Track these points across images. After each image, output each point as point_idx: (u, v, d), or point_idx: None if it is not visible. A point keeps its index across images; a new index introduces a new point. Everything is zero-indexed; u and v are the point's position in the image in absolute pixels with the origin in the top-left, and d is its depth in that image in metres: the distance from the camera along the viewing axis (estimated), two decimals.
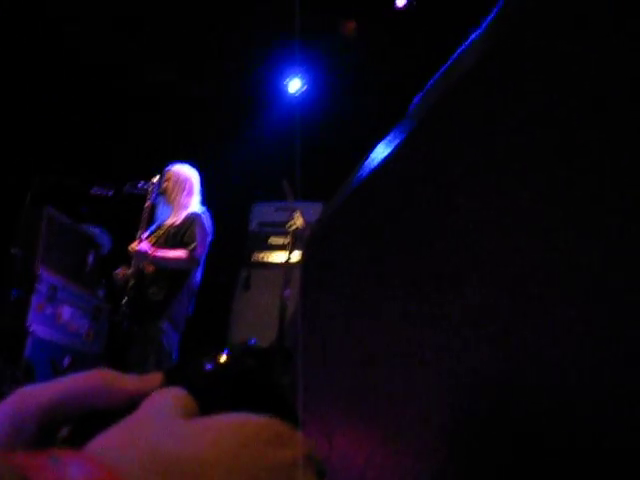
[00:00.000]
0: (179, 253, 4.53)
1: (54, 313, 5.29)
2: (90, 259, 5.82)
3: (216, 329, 5.45)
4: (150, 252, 4.49)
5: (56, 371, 5.10)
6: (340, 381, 0.86)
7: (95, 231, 5.78)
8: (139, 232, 4.62)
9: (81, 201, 4.69)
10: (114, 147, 6.19)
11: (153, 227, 4.90)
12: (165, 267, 4.57)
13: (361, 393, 0.77)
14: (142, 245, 4.51)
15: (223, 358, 0.46)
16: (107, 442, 0.35)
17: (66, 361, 5.31)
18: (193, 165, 5.05)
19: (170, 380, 0.43)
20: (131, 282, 4.56)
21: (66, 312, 5.44)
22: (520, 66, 0.56)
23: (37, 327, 5.03)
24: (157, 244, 4.58)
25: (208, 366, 0.45)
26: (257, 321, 5.43)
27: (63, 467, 0.29)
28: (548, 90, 0.53)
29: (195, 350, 5.21)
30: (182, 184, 4.78)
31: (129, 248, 4.57)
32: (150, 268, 4.57)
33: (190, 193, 4.80)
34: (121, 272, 4.68)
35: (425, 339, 0.61)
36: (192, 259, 4.55)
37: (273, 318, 4.82)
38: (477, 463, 0.50)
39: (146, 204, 4.73)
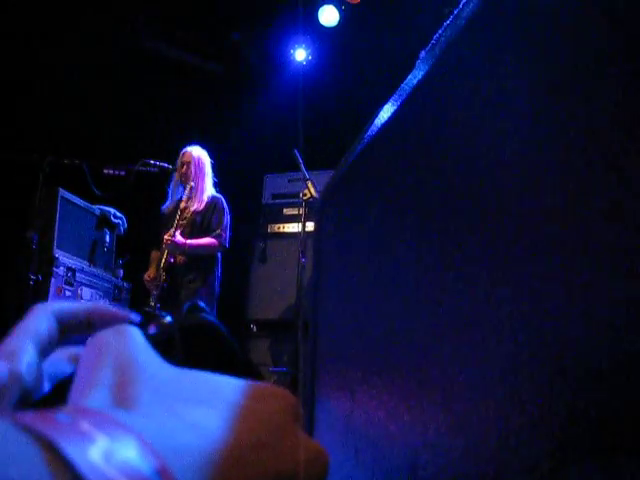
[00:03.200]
0: (209, 240, 4.78)
1: (74, 295, 5.33)
2: (107, 239, 5.85)
3: (235, 303, 5.48)
4: (185, 243, 4.64)
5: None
6: (359, 341, 0.86)
7: (110, 211, 5.80)
8: (172, 230, 4.69)
9: (94, 181, 4.69)
10: (123, 125, 6.17)
11: (167, 204, 4.99)
12: (195, 255, 4.75)
13: (381, 349, 0.77)
14: (177, 238, 4.68)
15: (167, 319, 0.45)
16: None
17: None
18: (201, 137, 5.11)
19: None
20: (163, 275, 4.68)
21: (85, 293, 5.48)
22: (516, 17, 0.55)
23: None
24: (184, 232, 4.73)
25: (151, 330, 0.44)
26: (275, 292, 5.45)
27: (80, 424, 0.28)
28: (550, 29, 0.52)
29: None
30: (201, 167, 4.90)
31: (164, 240, 4.67)
32: (181, 259, 4.73)
33: (207, 176, 4.93)
34: (148, 276, 4.81)
35: (449, 293, 0.61)
36: (221, 244, 4.82)
37: (291, 288, 4.84)
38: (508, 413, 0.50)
39: (182, 204, 4.79)
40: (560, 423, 0.43)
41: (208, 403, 0.33)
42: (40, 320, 0.44)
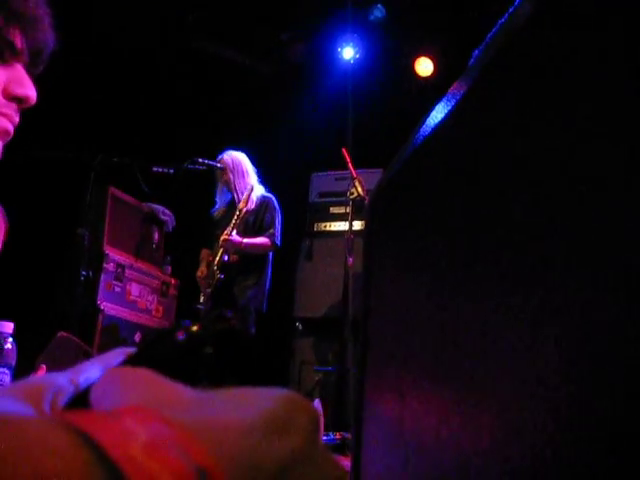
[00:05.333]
0: (263, 240, 4.89)
1: (123, 291, 5.41)
2: (155, 236, 5.93)
3: (281, 301, 5.50)
4: (241, 242, 4.75)
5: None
6: (411, 345, 0.85)
7: (158, 208, 5.87)
8: (229, 229, 4.76)
9: (143, 179, 4.76)
10: (173, 125, 6.24)
11: (217, 207, 5.07)
12: (249, 254, 4.87)
13: (435, 350, 0.76)
14: (234, 237, 4.75)
15: (195, 327, 0.44)
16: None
17: (137, 337, 5.43)
18: (250, 137, 5.19)
19: (138, 360, 0.42)
20: (217, 274, 4.76)
21: (134, 289, 5.56)
22: (582, 10, 0.54)
23: (107, 305, 5.16)
24: (239, 231, 4.81)
25: (180, 337, 0.43)
26: (322, 291, 5.46)
27: (123, 422, 0.28)
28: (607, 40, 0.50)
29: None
30: (237, 169, 4.99)
31: (221, 240, 4.75)
32: (234, 257, 4.82)
33: (247, 175, 5.01)
34: (201, 273, 4.89)
35: (501, 298, 0.60)
36: (273, 244, 4.92)
37: (338, 287, 4.83)
38: (566, 421, 0.49)
39: (242, 210, 4.83)
40: (620, 434, 0.42)
41: (241, 411, 0.33)
42: (117, 356, 0.45)
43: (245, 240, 4.78)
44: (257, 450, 0.31)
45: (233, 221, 4.76)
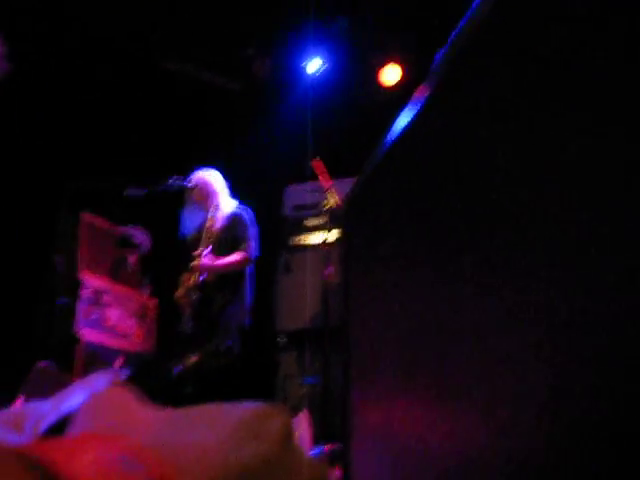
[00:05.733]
0: (236, 257, 4.75)
1: (101, 316, 5.35)
2: (132, 259, 5.88)
3: (263, 315, 5.47)
4: (213, 265, 4.68)
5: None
6: (394, 353, 0.85)
7: (133, 232, 5.83)
8: (200, 249, 4.72)
9: (116, 203, 4.73)
10: (143, 146, 6.21)
11: (189, 231, 5.04)
12: (225, 273, 4.76)
13: (416, 363, 0.76)
14: (205, 259, 4.68)
15: (193, 359, 0.44)
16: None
17: (118, 362, 5.38)
18: (220, 154, 5.15)
19: (130, 382, 0.41)
20: (193, 294, 4.71)
21: (113, 314, 5.51)
22: (534, 11, 0.54)
23: (86, 332, 5.11)
24: (213, 251, 4.75)
25: (176, 369, 0.43)
26: (301, 303, 5.44)
27: (81, 445, 0.29)
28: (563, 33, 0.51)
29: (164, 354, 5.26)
30: (207, 188, 4.95)
31: (192, 266, 4.71)
32: (211, 277, 4.74)
33: (218, 194, 4.96)
34: (180, 293, 4.84)
35: (487, 303, 0.60)
36: (248, 259, 4.80)
37: (317, 299, 4.82)
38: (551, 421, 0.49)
39: (207, 224, 4.81)
40: (604, 428, 0.42)
41: (210, 427, 0.33)
42: (97, 381, 0.45)
43: (218, 262, 4.72)
44: (224, 460, 0.30)
45: (202, 244, 4.73)
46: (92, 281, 5.32)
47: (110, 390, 0.34)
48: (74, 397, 0.37)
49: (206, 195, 4.94)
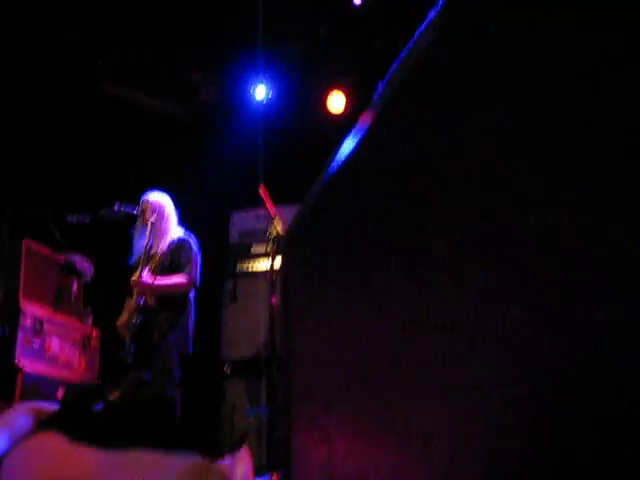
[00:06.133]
0: (178, 279, 4.69)
1: (42, 346, 5.22)
2: (74, 287, 5.76)
3: (207, 344, 5.41)
4: (152, 283, 4.56)
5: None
6: (335, 383, 0.83)
7: (75, 259, 5.72)
8: (139, 266, 4.63)
9: (58, 230, 4.64)
10: (85, 172, 6.13)
11: (134, 257, 4.94)
12: (166, 296, 4.67)
13: (359, 394, 0.74)
14: (145, 277, 4.59)
15: (114, 395, 0.41)
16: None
17: (60, 393, 5.24)
18: (166, 179, 5.10)
19: (54, 424, 0.39)
20: (134, 319, 4.60)
21: (55, 344, 5.38)
22: (474, 43, 0.54)
23: (26, 362, 4.97)
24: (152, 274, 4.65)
25: (98, 406, 0.40)
26: (248, 331, 5.40)
27: None
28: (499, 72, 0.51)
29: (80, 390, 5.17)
30: (159, 211, 4.87)
31: (131, 282, 4.61)
32: (152, 301, 4.64)
33: (168, 219, 4.91)
34: (121, 323, 4.73)
35: (421, 333, 0.59)
36: (190, 282, 4.72)
37: (263, 326, 4.79)
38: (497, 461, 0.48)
39: (155, 254, 4.74)
40: (548, 468, 0.41)
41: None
42: (20, 416, 0.42)
43: (158, 280, 4.63)
44: None
45: (141, 263, 4.65)
46: (33, 309, 5.19)
47: (39, 436, 0.31)
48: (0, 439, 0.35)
49: (156, 218, 4.86)
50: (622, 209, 0.38)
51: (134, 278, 4.62)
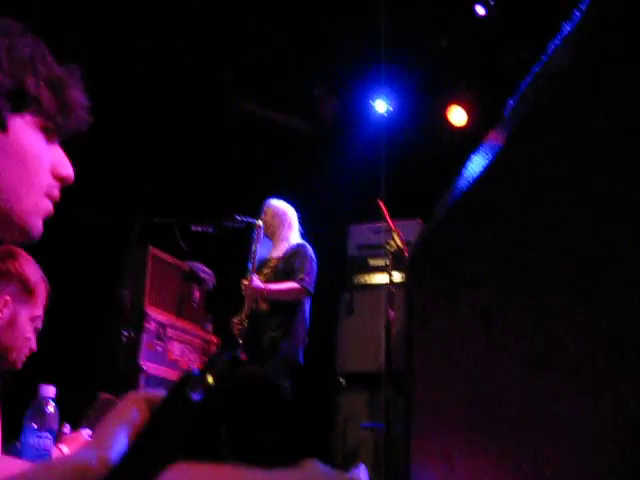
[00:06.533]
0: (291, 285, 4.67)
1: (164, 350, 5.40)
2: (196, 295, 5.93)
3: (323, 356, 5.44)
4: (264, 288, 4.56)
5: None
6: (458, 402, 0.81)
7: (198, 267, 5.89)
8: (250, 271, 4.70)
9: (183, 238, 4.79)
10: (210, 183, 6.31)
11: (257, 262, 5.02)
12: (278, 301, 4.68)
13: (482, 413, 0.73)
14: (255, 282, 4.62)
15: (210, 379, 0.40)
16: None
17: None
18: (286, 192, 5.16)
19: (156, 425, 0.39)
20: (245, 323, 4.63)
21: (176, 349, 5.55)
22: (615, 65, 0.51)
23: (149, 365, 5.15)
24: (267, 281, 4.68)
25: (195, 396, 0.39)
26: (363, 345, 5.38)
27: None
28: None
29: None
30: (281, 217, 4.91)
31: (242, 286, 4.67)
32: (264, 306, 4.66)
33: (290, 227, 4.93)
34: (237, 320, 4.77)
35: (551, 351, 0.57)
36: (303, 289, 4.70)
37: (379, 341, 4.77)
38: None
39: (252, 247, 4.81)
40: None
41: None
42: (132, 407, 0.43)
43: (270, 286, 4.63)
44: None
45: (254, 266, 4.66)
46: (157, 315, 5.38)
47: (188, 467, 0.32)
48: (119, 438, 0.35)
49: (277, 223, 4.91)
50: None
51: (245, 282, 4.66)
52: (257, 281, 4.63)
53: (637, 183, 0.48)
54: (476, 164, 0.83)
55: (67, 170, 1.04)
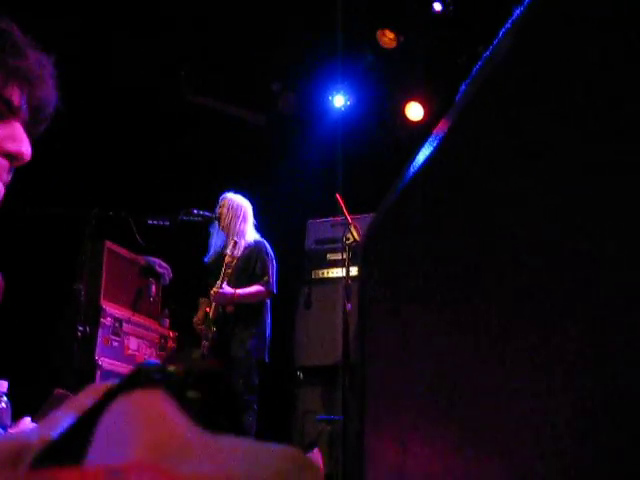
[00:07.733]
0: (257, 288, 4.79)
1: (120, 345, 5.35)
2: (152, 289, 5.88)
3: (280, 350, 5.44)
4: (234, 293, 4.65)
5: None
6: (409, 386, 0.82)
7: (155, 261, 5.85)
8: (219, 281, 4.72)
9: (138, 232, 4.75)
10: (166, 177, 6.27)
11: (210, 254, 5.03)
12: (244, 304, 4.77)
13: (435, 395, 0.74)
14: (225, 289, 4.70)
15: (173, 367, 0.40)
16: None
17: None
18: (244, 187, 5.17)
19: (109, 398, 0.39)
20: (213, 327, 4.70)
21: (132, 344, 5.51)
22: (553, 55, 0.53)
23: (105, 360, 5.10)
24: (230, 281, 4.73)
25: (157, 376, 0.39)
26: (321, 338, 5.41)
27: (130, 477, 0.28)
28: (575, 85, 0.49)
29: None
30: (236, 211, 4.93)
31: (211, 294, 4.71)
32: (230, 309, 4.74)
33: (244, 219, 4.95)
34: (197, 320, 4.84)
35: (513, 337, 0.58)
36: (268, 291, 4.83)
37: (337, 334, 4.79)
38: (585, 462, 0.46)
39: (225, 251, 4.83)
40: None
41: (251, 469, 0.32)
42: (89, 397, 0.43)
43: (238, 291, 4.72)
44: None
45: (222, 273, 4.72)
46: (113, 310, 5.33)
47: (138, 394, 0.31)
48: (66, 421, 0.35)
49: (233, 217, 4.93)
50: None
51: (214, 290, 4.71)
52: (227, 287, 4.69)
53: (570, 167, 0.49)
54: (422, 154, 0.84)
55: (16, 145, 0.94)
